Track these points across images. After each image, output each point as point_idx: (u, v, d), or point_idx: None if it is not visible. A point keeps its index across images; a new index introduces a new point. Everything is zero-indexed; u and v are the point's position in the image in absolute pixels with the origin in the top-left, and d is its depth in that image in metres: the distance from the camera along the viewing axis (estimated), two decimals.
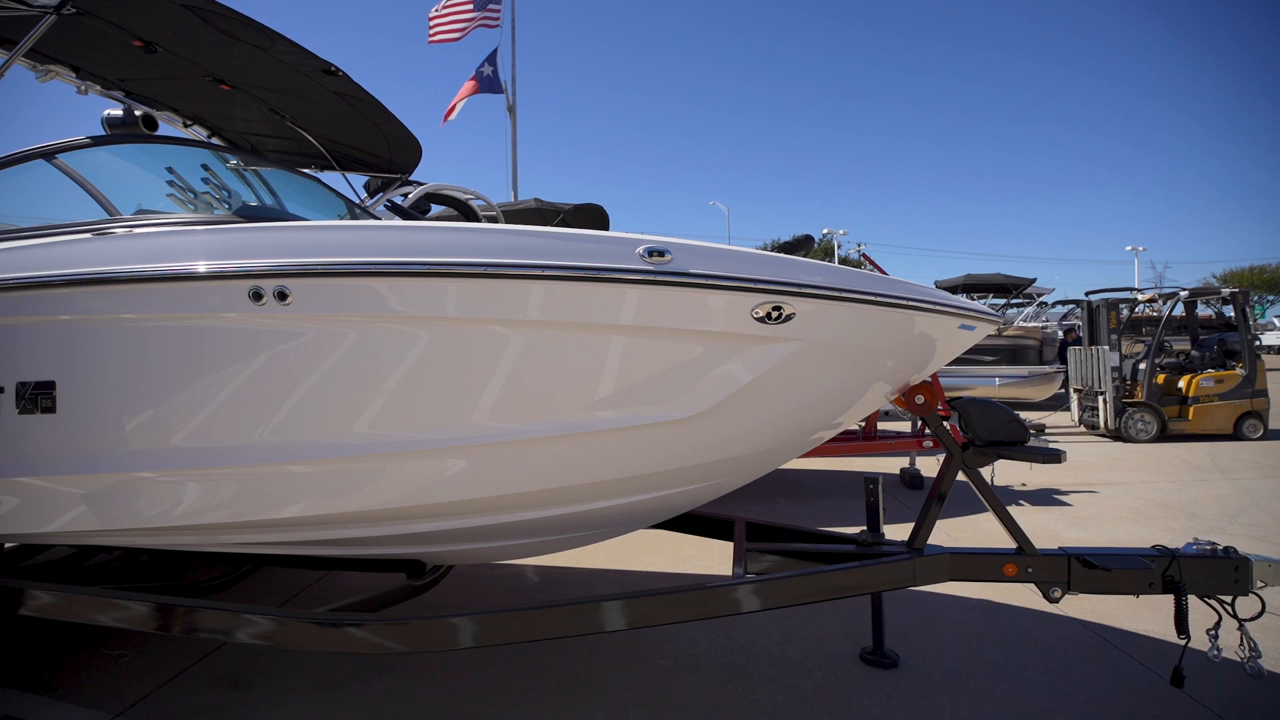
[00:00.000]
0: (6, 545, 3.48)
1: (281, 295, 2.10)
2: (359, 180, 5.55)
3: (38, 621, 2.76)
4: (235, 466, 2.38)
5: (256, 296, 2.11)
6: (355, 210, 3.96)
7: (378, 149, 4.62)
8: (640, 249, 2.14)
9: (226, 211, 3.07)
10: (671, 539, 5.29)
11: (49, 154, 2.80)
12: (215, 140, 4.97)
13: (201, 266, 2.15)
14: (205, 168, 3.39)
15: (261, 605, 3.28)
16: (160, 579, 3.55)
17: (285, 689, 3.25)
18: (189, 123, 4.87)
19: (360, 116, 4.27)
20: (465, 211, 6.67)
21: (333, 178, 4.91)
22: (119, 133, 3.18)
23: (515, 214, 8.09)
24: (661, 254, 2.14)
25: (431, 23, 13.48)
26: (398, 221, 2.28)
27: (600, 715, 3.00)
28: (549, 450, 2.50)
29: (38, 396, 2.29)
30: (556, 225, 7.81)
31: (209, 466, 2.39)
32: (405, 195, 5.49)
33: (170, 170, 3.19)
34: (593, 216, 8.72)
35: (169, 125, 4.73)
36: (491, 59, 13.99)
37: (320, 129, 4.54)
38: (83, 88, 4.21)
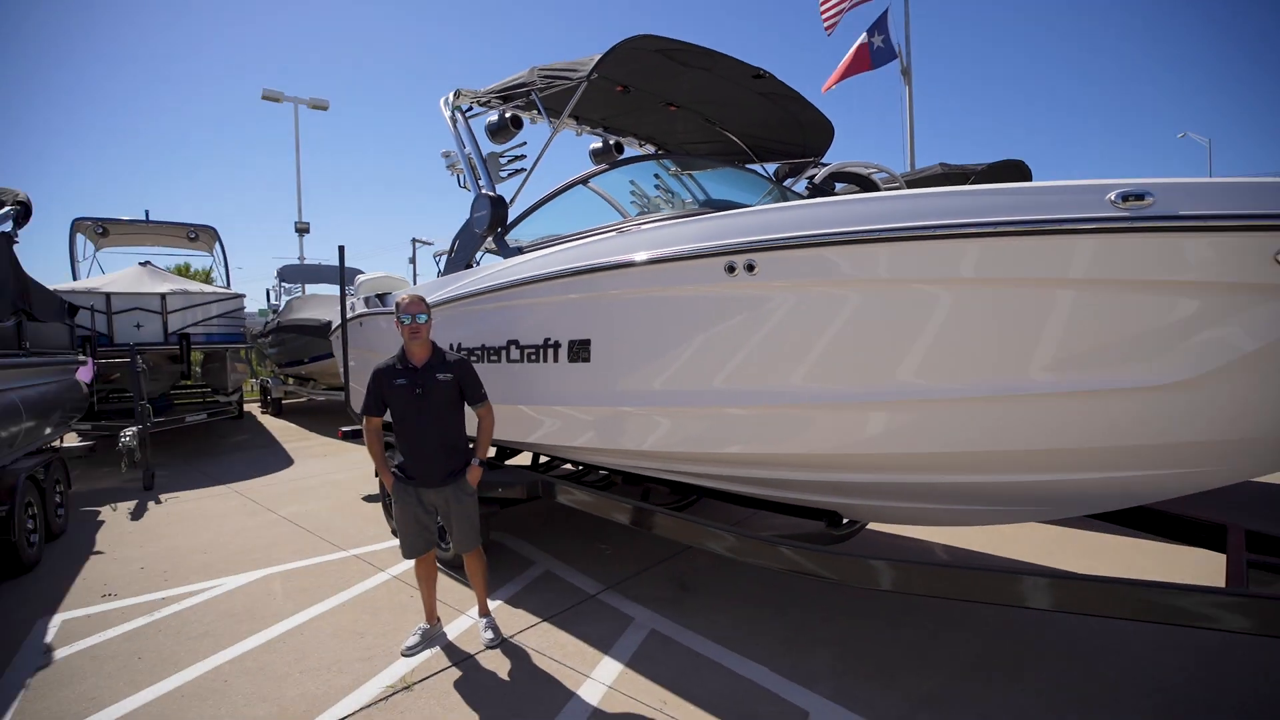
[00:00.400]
0: (541, 456, 5.10)
1: (750, 267, 2.60)
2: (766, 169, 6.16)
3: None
4: (698, 408, 3.03)
5: (730, 269, 2.66)
6: (781, 191, 4.46)
7: (794, 137, 5.11)
8: (1111, 195, 1.95)
9: (694, 205, 3.84)
10: (1120, 545, 4.50)
11: (585, 180, 3.98)
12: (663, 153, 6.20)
13: (689, 249, 2.80)
14: (662, 175, 4.28)
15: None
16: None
17: (719, 599, 3.95)
18: (643, 143, 6.18)
19: (781, 110, 4.79)
20: (868, 186, 6.73)
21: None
22: (618, 159, 4.25)
23: (919, 183, 7.76)
24: (1140, 197, 1.91)
25: (824, 11, 13.28)
26: (844, 196, 2.54)
27: (1033, 704, 2.83)
28: (978, 412, 2.45)
29: (579, 350, 3.34)
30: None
31: (679, 406, 3.09)
32: (811, 177, 5.88)
33: (657, 177, 4.15)
34: (1011, 174, 7.75)
35: (630, 147, 6.09)
36: (880, 25, 11.96)
37: (744, 128, 5.26)
38: (579, 130, 5.76)
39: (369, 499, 6.50)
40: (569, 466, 5.36)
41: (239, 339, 10.27)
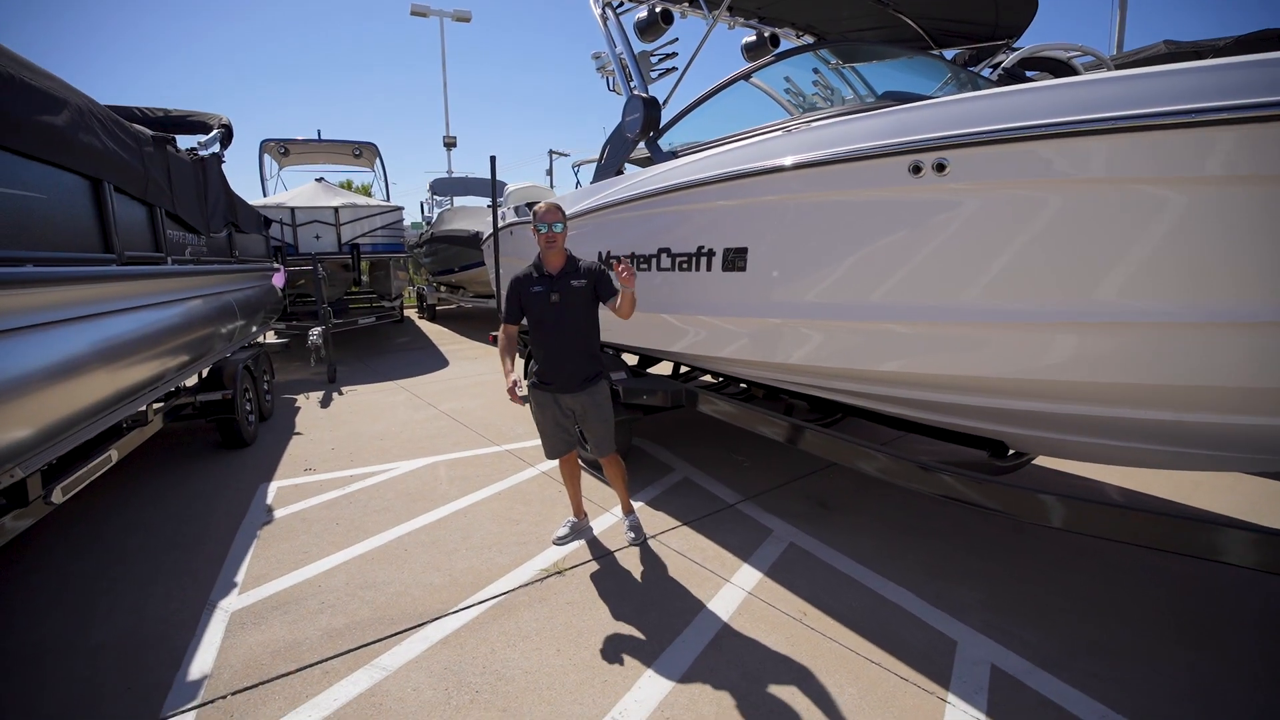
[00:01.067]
0: (683, 367, 5.10)
1: (939, 167, 2.26)
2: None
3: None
4: (862, 321, 2.80)
5: (915, 170, 2.34)
6: (969, 79, 3.86)
7: (984, 15, 4.34)
8: None
9: (870, 100, 3.42)
10: None
11: (746, 75, 3.63)
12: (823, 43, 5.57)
13: (868, 147, 2.47)
14: (821, 69, 3.82)
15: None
16: None
17: (860, 519, 3.83)
18: (800, 34, 5.58)
19: None
20: (1066, 73, 5.71)
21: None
22: (779, 51, 3.83)
23: (1142, 65, 6.46)
24: None
25: None
26: (1059, 80, 2.09)
27: (1220, 672, 2.50)
28: (1198, 340, 2.04)
29: (735, 258, 3.18)
30: None
31: (841, 320, 2.87)
32: (997, 64, 5.05)
33: (816, 72, 3.73)
34: (1263, 49, 6.21)
35: (787, 41, 5.53)
36: None
37: (922, 8, 4.54)
38: (732, 23, 5.28)
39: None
40: (708, 378, 5.35)
41: (400, 249, 11.15)
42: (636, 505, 4.03)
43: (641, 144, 3.93)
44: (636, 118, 3.83)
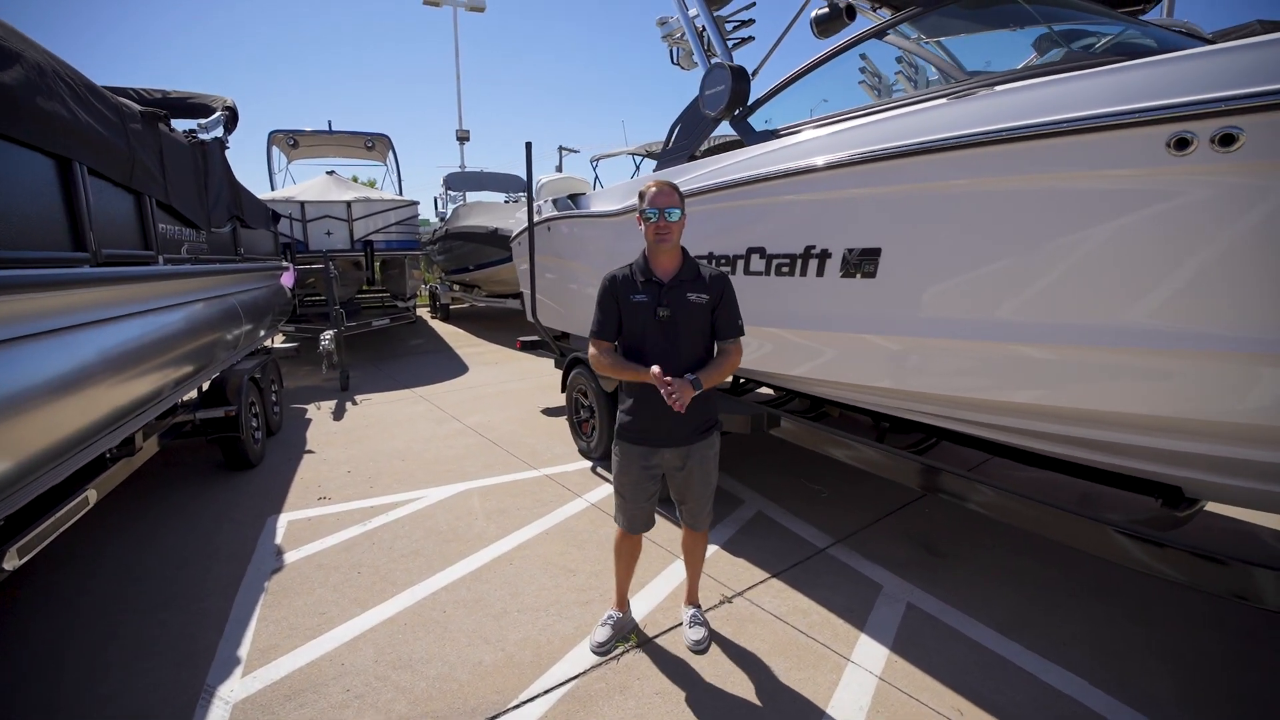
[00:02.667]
0: (813, 390, 4.45)
1: (1227, 140, 1.62)
2: None
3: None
4: (1048, 345, 2.16)
5: (1181, 144, 1.70)
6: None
7: None
8: None
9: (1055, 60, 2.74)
10: None
11: (879, 34, 2.92)
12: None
13: (1113, 113, 1.77)
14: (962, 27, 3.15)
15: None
16: None
17: (979, 572, 3.20)
18: (876, 5, 4.93)
19: None
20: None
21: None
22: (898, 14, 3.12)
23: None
24: None
25: None
26: None
27: None
28: None
29: (862, 261, 2.53)
30: None
31: (1016, 342, 2.23)
32: None
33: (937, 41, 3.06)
34: None
35: (862, 15, 4.87)
36: None
37: None
38: None
39: (549, 412, 6.34)
40: (767, 391, 4.72)
41: (415, 245, 10.53)
42: (712, 550, 3.41)
43: (724, 124, 3.27)
44: (721, 90, 3.17)
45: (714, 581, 3.11)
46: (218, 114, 4.73)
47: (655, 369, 2.17)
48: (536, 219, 5.09)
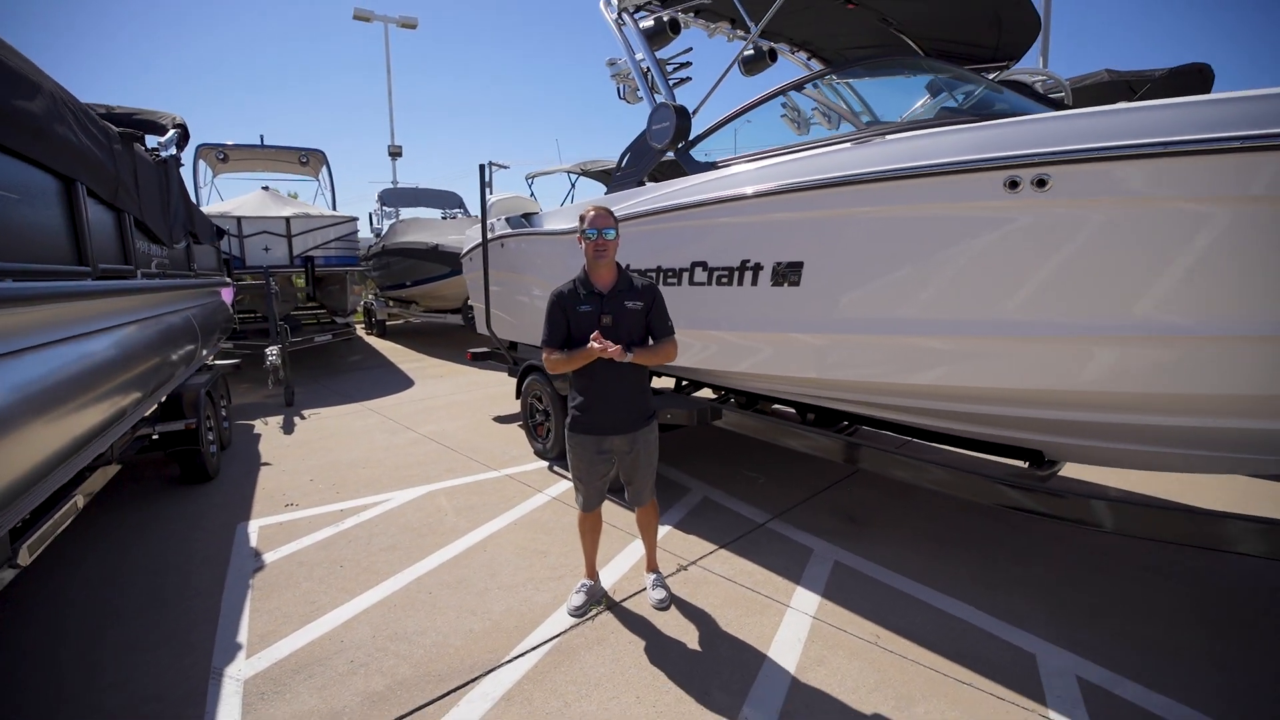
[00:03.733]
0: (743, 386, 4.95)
1: (1041, 182, 2.21)
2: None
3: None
4: (940, 336, 2.73)
5: (1012, 185, 2.27)
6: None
7: (985, 39, 4.43)
8: None
9: (944, 113, 3.37)
10: None
11: (798, 86, 3.50)
12: (812, 62, 5.59)
13: (966, 160, 2.36)
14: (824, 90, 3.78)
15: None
16: None
17: (894, 533, 3.77)
18: (795, 49, 5.58)
19: (981, 5, 4.13)
20: (1033, 97, 5.98)
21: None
22: (819, 71, 3.73)
23: (1082, 92, 6.85)
24: None
25: None
26: (1154, 102, 2.09)
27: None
28: (1244, 351, 2.15)
29: (787, 273, 3.06)
30: (1142, 97, 6.32)
31: (912, 335, 2.79)
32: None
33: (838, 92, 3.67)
34: (1194, 82, 6.76)
35: (781, 56, 5.50)
36: None
37: (925, 28, 4.60)
38: (731, 35, 5.23)
39: (501, 419, 6.61)
40: (708, 391, 5.23)
41: (354, 261, 10.51)
42: (665, 529, 3.83)
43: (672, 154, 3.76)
44: (666, 126, 3.66)
45: (671, 555, 3.53)
46: (171, 132, 4.81)
47: (594, 336, 2.54)
48: (491, 236, 5.42)
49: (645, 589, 3.15)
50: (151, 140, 4.57)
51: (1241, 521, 2.38)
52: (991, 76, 5.44)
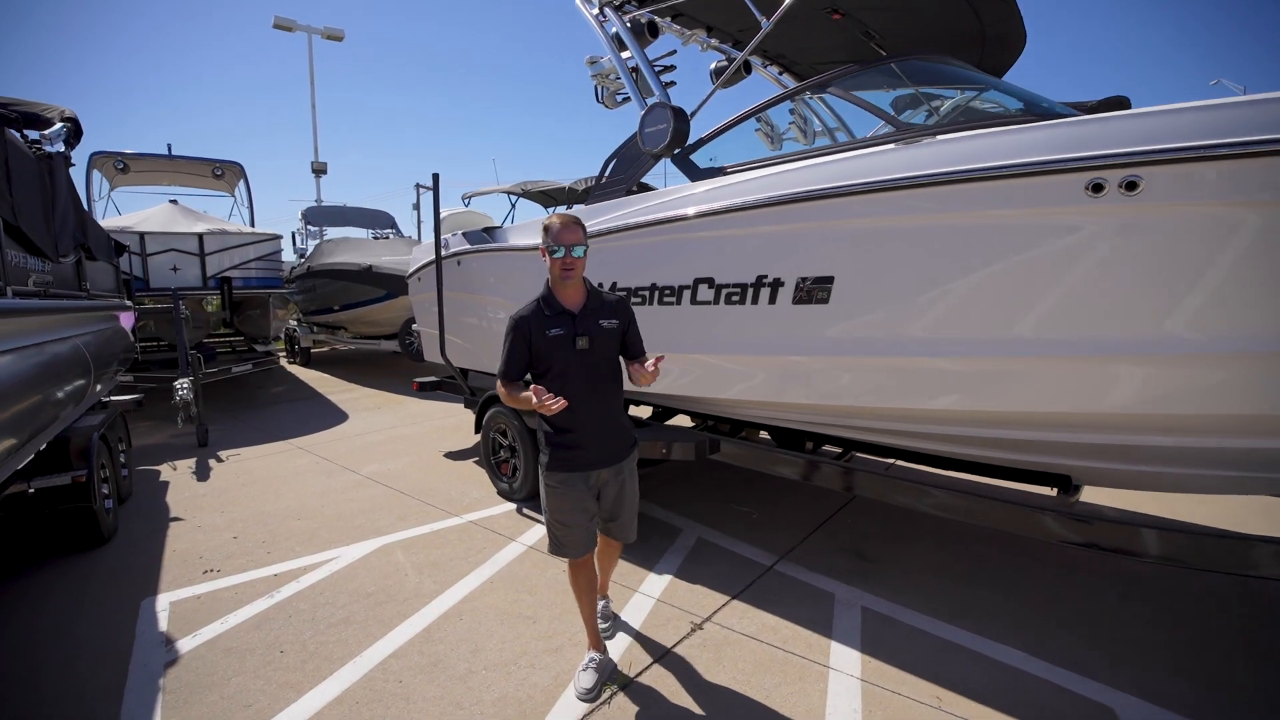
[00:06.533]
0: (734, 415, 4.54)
1: (1130, 185, 1.97)
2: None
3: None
4: (984, 358, 2.46)
5: (1096, 188, 2.03)
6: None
7: (970, 55, 4.33)
8: None
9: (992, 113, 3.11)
10: None
11: (823, 85, 3.17)
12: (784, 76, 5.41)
13: (1042, 161, 2.09)
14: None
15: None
16: None
17: (912, 570, 3.47)
18: (766, 63, 5.39)
19: (969, 18, 4.00)
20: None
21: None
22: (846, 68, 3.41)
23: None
24: None
25: None
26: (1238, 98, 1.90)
27: None
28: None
29: (814, 289, 2.71)
30: None
31: (957, 356, 2.51)
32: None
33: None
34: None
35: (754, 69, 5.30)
36: None
37: (905, 42, 4.48)
38: (705, 45, 4.98)
39: (452, 455, 5.98)
40: (686, 420, 4.86)
41: (278, 283, 9.52)
42: (659, 579, 3.41)
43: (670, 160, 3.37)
44: (662, 129, 3.28)
45: (681, 611, 3.08)
46: (59, 125, 4.02)
47: (534, 389, 2.14)
48: (446, 253, 4.87)
49: (662, 653, 2.70)
50: (36, 136, 3.78)
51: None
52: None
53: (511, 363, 2.34)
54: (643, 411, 4.98)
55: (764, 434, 4.90)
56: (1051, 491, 3.23)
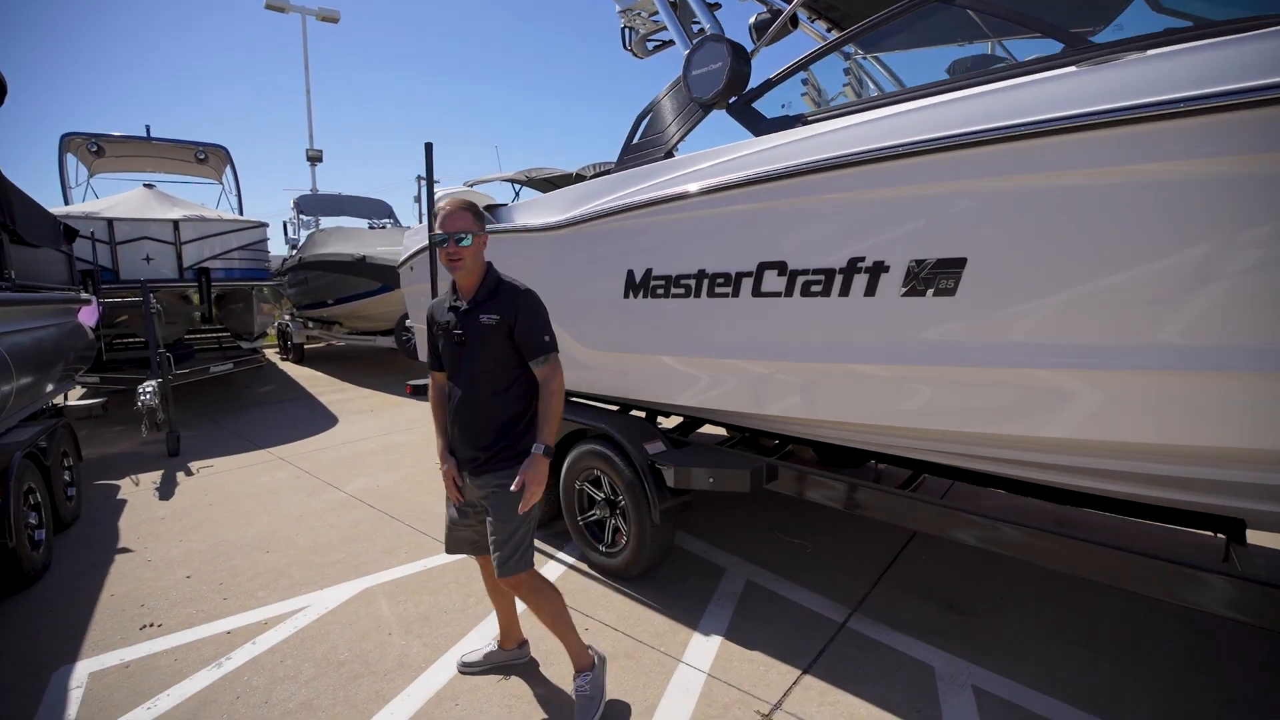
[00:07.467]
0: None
1: None
2: None
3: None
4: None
5: None
6: None
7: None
8: None
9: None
10: None
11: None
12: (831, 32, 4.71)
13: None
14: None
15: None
16: None
17: (1020, 631, 2.77)
18: (814, 17, 4.67)
19: None
20: None
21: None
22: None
23: None
24: None
25: None
26: None
27: None
28: None
29: (936, 275, 1.99)
30: None
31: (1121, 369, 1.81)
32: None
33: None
34: None
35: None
36: None
37: None
38: None
39: None
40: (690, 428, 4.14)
41: (264, 275, 8.82)
42: (707, 642, 2.71)
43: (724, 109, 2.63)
44: (716, 69, 2.56)
45: (742, 694, 2.38)
46: None
47: (444, 466, 2.30)
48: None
49: None
50: None
51: None
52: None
53: (430, 353, 2.37)
54: (719, 431, 4.28)
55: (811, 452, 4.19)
56: (1214, 536, 2.54)
